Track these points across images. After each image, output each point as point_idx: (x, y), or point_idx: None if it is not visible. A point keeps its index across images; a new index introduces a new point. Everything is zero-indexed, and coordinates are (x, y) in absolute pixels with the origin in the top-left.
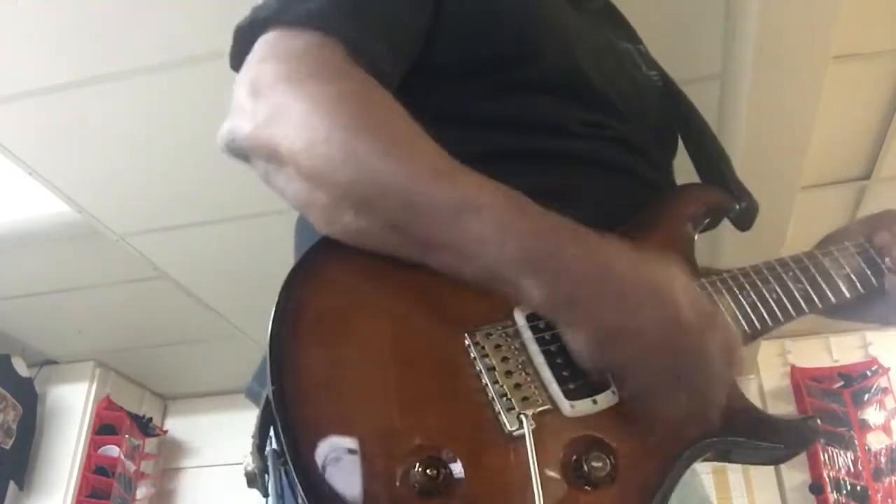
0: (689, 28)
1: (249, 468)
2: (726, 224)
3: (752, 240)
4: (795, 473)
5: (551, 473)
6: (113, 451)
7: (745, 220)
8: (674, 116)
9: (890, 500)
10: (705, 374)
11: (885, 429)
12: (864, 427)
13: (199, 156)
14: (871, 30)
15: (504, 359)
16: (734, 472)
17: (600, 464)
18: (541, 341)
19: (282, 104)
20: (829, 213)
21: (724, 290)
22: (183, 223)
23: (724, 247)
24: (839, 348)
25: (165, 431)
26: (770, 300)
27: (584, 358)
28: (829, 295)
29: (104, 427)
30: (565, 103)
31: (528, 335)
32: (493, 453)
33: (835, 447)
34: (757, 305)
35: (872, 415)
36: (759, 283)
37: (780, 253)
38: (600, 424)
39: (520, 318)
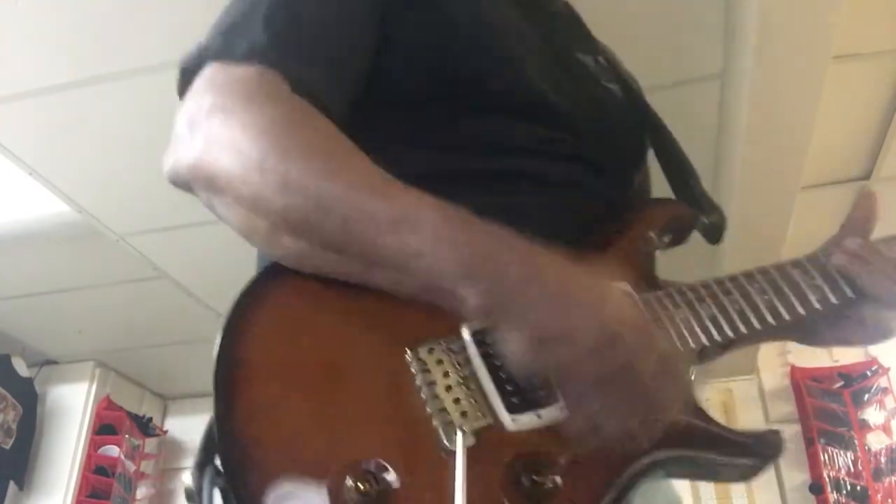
0: (689, 28)
1: (188, 485)
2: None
3: (753, 240)
4: (795, 473)
5: (491, 488)
6: (113, 451)
7: (712, 235)
8: (639, 129)
9: (890, 500)
10: (637, 385)
11: (885, 429)
12: (864, 427)
13: None
14: (871, 30)
15: (446, 374)
16: None
17: (542, 479)
18: (486, 356)
19: (217, 134)
20: (829, 213)
21: (682, 303)
22: (183, 223)
23: (724, 246)
24: (839, 348)
25: (165, 431)
26: (732, 311)
27: (518, 364)
28: (798, 307)
29: (104, 427)
30: (516, 122)
31: (473, 350)
32: (430, 468)
33: (835, 447)
34: (717, 317)
35: (872, 415)
36: (720, 295)
37: (781, 253)
38: (544, 439)
39: (466, 333)
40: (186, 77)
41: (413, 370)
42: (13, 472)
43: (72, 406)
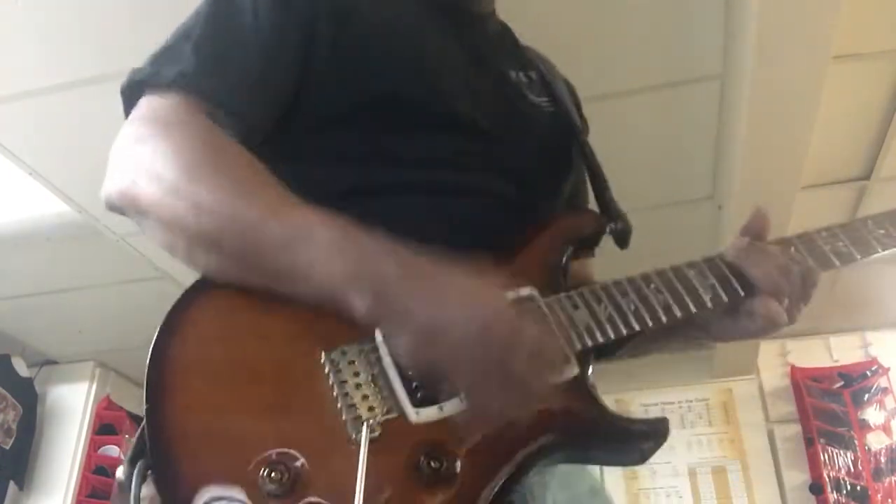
0: (689, 28)
1: (120, 476)
2: (726, 227)
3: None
4: (795, 473)
5: (393, 475)
6: (113, 451)
7: (620, 240)
8: (564, 140)
9: (890, 500)
10: (510, 374)
11: (885, 429)
12: (864, 427)
13: None
14: (871, 30)
15: (356, 373)
16: (734, 472)
17: (440, 465)
18: (395, 353)
19: (139, 162)
20: (829, 213)
21: (582, 305)
22: None
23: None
24: (839, 348)
25: None
26: (627, 311)
27: (410, 361)
28: (691, 305)
29: (104, 427)
30: (435, 136)
31: (383, 350)
32: (338, 458)
33: (835, 447)
34: (613, 316)
35: (872, 415)
36: (617, 296)
37: None
38: (445, 429)
39: (378, 335)
40: (125, 103)
41: (326, 370)
42: (13, 472)
43: (72, 406)
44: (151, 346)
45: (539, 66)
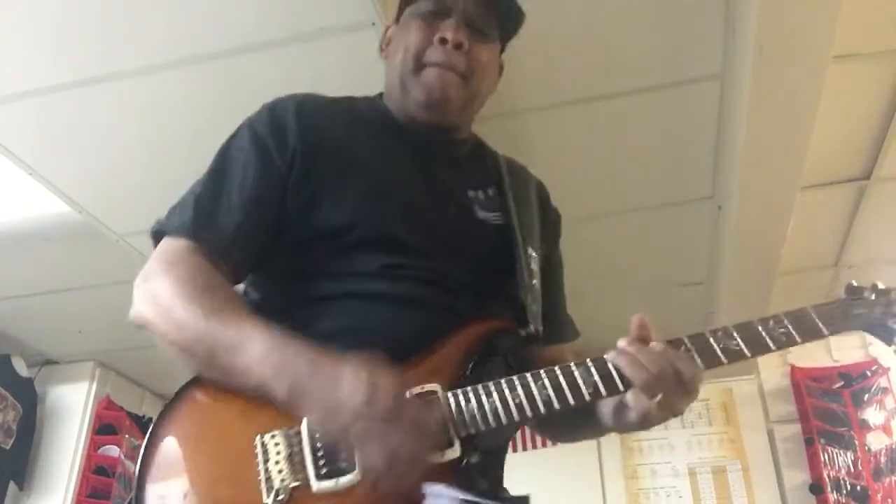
0: (689, 28)
1: None
2: (726, 227)
3: (753, 240)
4: (795, 473)
5: None
6: (113, 451)
7: (531, 343)
8: (505, 252)
9: (890, 500)
10: (395, 448)
11: (885, 429)
12: (864, 427)
13: (200, 155)
14: (871, 30)
15: (278, 452)
16: (734, 472)
17: None
18: (312, 438)
19: (147, 292)
20: (829, 213)
21: (473, 398)
22: None
23: (725, 247)
24: (839, 348)
25: None
26: (511, 404)
27: (320, 438)
28: (570, 398)
29: (104, 427)
30: (376, 255)
31: (304, 434)
32: None
33: (835, 447)
34: (497, 409)
35: (872, 415)
36: (506, 391)
37: (781, 253)
38: (341, 499)
39: (304, 422)
40: (152, 241)
41: (257, 450)
42: (13, 472)
43: (72, 406)
44: (147, 436)
45: (503, 182)
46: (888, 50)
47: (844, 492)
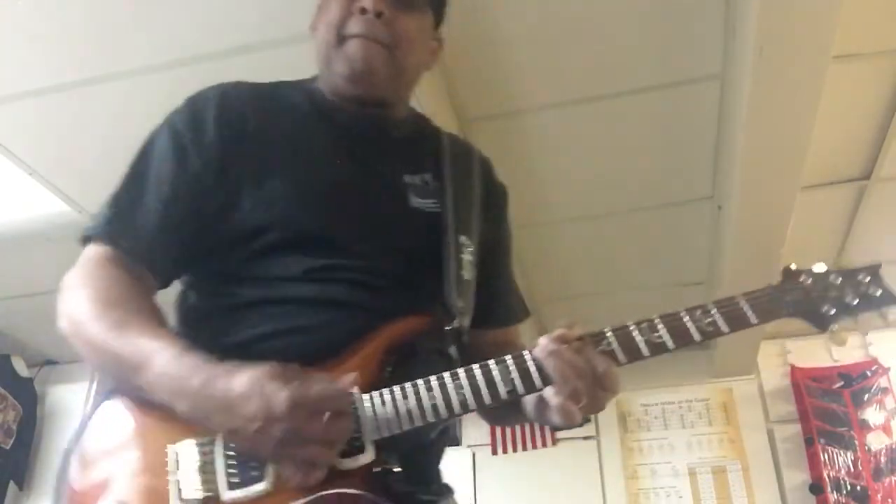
0: (689, 28)
1: None
2: (726, 227)
3: (753, 240)
4: (795, 473)
5: None
6: None
7: (457, 339)
8: (437, 243)
9: (890, 500)
10: (299, 453)
11: (885, 429)
12: (864, 427)
13: None
14: (871, 30)
15: (189, 462)
16: (734, 472)
17: None
18: (227, 447)
19: (65, 305)
20: (829, 213)
21: (388, 401)
22: None
23: (725, 247)
24: (839, 348)
25: None
26: (426, 406)
27: (230, 448)
28: (486, 398)
29: None
30: (295, 256)
31: (218, 443)
32: None
33: (835, 447)
34: (411, 412)
35: (872, 415)
36: (422, 392)
37: (781, 253)
38: None
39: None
40: (81, 244)
41: (167, 460)
42: (13, 472)
43: (72, 406)
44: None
45: (443, 164)
46: (888, 50)
47: (844, 492)
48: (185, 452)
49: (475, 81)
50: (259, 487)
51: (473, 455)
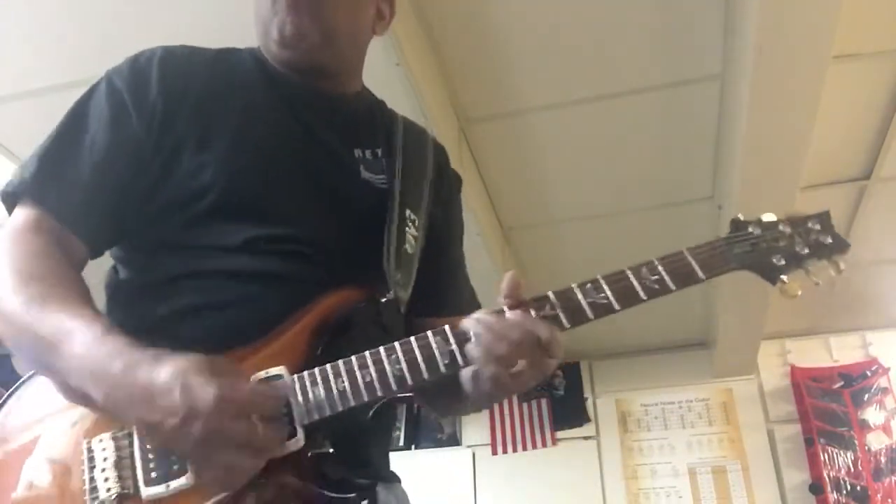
0: (689, 28)
1: None
2: (726, 227)
3: None
4: (795, 473)
5: None
6: None
7: (393, 311)
8: (382, 217)
9: (890, 500)
10: (223, 449)
11: (885, 429)
12: (864, 427)
13: None
14: (871, 30)
15: (105, 458)
16: (734, 472)
17: None
18: (142, 440)
19: None
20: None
21: (320, 380)
22: None
23: None
24: (839, 348)
25: None
26: (361, 383)
27: (146, 443)
28: (424, 373)
29: None
30: (233, 225)
31: (135, 437)
32: None
33: (835, 447)
34: (346, 391)
35: (872, 415)
36: (356, 370)
37: None
38: (179, 502)
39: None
40: (3, 203)
41: (83, 456)
42: None
43: None
44: None
45: (394, 144)
46: (888, 50)
47: (844, 492)
48: (101, 447)
49: (475, 81)
50: (180, 482)
51: (473, 455)
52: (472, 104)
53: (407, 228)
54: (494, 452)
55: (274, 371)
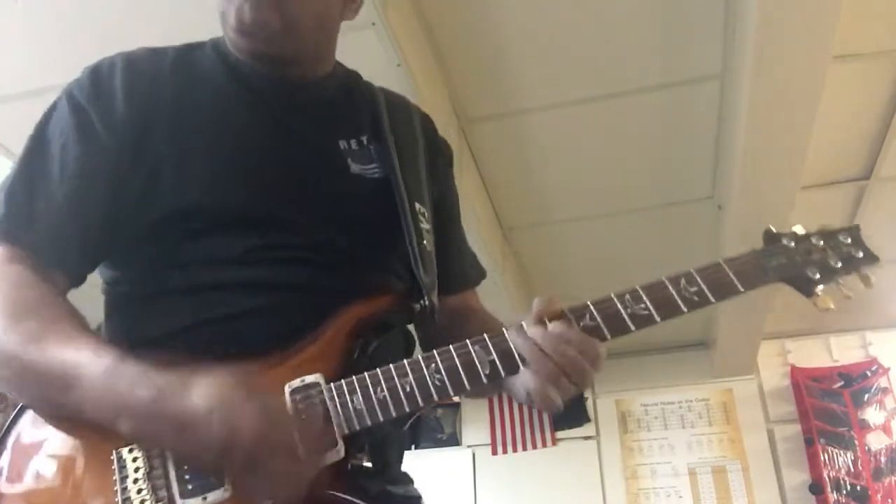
0: (689, 28)
1: None
2: (726, 227)
3: (753, 240)
4: (795, 473)
5: None
6: None
7: (426, 318)
8: (389, 208)
9: (890, 500)
10: (266, 467)
11: (885, 429)
12: (864, 427)
13: None
14: (871, 30)
15: (137, 468)
16: (734, 472)
17: None
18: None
19: None
20: (829, 213)
21: (358, 388)
22: None
23: (725, 248)
24: (839, 348)
25: None
26: (401, 394)
27: (180, 462)
28: (465, 383)
29: None
30: (229, 238)
31: None
32: None
33: (835, 447)
34: (386, 400)
35: (872, 415)
36: (395, 378)
37: None
38: None
39: None
40: None
41: (113, 466)
42: None
43: None
44: None
45: (381, 125)
46: (888, 50)
47: (844, 492)
48: (132, 457)
49: (475, 81)
50: (218, 494)
51: (473, 455)
52: (472, 104)
53: (420, 224)
54: (494, 452)
55: (310, 379)
